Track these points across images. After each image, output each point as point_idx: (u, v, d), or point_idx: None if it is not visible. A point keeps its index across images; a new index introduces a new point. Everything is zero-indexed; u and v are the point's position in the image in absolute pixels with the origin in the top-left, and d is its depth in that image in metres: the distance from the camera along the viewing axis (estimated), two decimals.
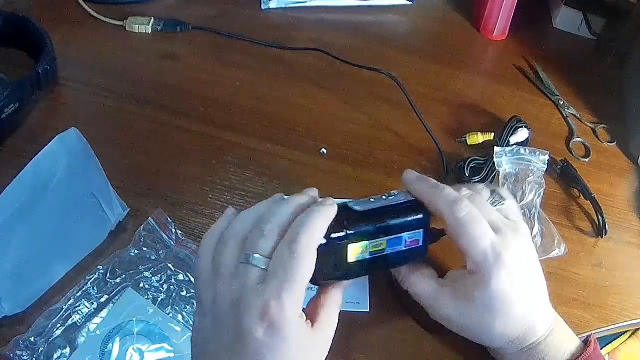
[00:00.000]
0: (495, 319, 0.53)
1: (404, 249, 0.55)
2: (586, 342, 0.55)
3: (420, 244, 0.55)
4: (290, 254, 0.44)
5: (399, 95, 0.83)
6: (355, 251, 0.52)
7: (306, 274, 0.44)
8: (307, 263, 0.44)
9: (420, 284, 0.56)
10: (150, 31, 0.87)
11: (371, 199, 0.55)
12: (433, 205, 0.54)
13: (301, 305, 0.45)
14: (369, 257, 0.53)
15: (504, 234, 0.53)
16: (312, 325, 0.47)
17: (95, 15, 0.88)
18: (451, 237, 0.54)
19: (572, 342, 0.55)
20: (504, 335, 0.53)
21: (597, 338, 0.57)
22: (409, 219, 0.54)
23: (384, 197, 0.56)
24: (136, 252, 0.64)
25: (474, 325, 0.54)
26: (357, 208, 0.53)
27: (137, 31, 0.87)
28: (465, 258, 0.54)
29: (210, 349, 0.46)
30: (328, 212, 0.48)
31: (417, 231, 0.55)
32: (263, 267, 0.45)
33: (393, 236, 0.54)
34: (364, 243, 0.52)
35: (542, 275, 0.56)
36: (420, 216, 0.55)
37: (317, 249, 0.46)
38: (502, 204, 0.58)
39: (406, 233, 0.54)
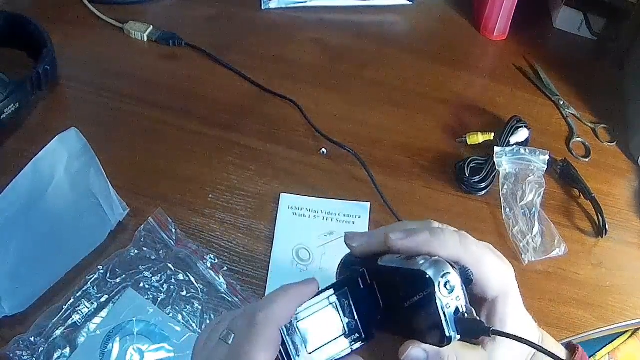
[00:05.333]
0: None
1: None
2: (568, 348, 0.53)
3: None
4: (248, 330, 0.42)
5: (399, 96, 0.83)
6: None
7: (262, 352, 0.41)
8: (263, 343, 0.42)
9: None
10: (145, 39, 0.86)
11: None
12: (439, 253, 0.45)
13: None
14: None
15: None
16: None
17: (98, 14, 0.88)
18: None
19: (558, 347, 0.54)
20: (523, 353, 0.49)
21: (597, 338, 0.55)
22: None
23: None
24: (136, 252, 0.64)
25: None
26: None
27: (133, 37, 0.87)
28: (485, 288, 0.46)
29: None
30: (297, 294, 0.44)
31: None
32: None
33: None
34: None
35: None
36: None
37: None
38: None
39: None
